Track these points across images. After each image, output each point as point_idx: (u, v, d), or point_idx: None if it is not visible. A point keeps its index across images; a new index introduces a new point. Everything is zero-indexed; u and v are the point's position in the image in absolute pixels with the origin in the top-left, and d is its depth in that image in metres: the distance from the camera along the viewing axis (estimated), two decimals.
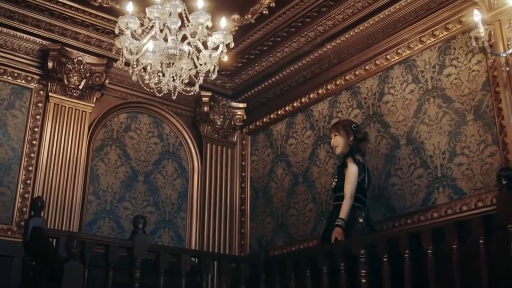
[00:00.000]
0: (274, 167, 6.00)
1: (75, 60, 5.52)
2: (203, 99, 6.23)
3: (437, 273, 3.47)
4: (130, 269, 3.94)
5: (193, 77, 4.48)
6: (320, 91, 5.67)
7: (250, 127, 6.46)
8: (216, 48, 4.33)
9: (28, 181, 5.21)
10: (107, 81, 5.67)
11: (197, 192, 6.08)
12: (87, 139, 5.56)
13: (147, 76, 4.48)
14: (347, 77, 5.42)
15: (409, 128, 4.76)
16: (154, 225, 5.77)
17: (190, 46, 4.37)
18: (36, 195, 5.00)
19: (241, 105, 6.46)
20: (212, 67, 4.38)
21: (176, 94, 4.48)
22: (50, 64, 5.36)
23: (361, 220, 3.88)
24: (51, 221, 5.10)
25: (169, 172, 6.03)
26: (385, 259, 3.69)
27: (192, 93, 4.52)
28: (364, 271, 3.77)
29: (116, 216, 5.60)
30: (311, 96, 5.77)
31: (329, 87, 5.59)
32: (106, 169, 5.69)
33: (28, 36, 5.43)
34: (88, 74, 5.57)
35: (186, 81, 4.42)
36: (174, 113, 6.22)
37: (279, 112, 6.12)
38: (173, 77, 4.39)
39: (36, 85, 5.50)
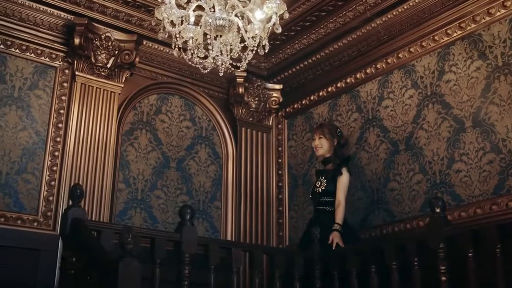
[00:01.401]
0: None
1: (102, 36, 5.06)
2: (238, 79, 5.78)
3: None
4: (178, 265, 3.53)
5: (240, 52, 4.06)
6: (368, 71, 5.22)
7: (287, 110, 6.02)
8: (267, 20, 3.91)
9: (54, 168, 4.78)
10: (137, 59, 5.21)
11: (232, 180, 5.65)
12: (116, 122, 5.11)
13: (191, 51, 4.05)
14: (400, 55, 4.97)
15: (474, 108, 4.33)
16: None
17: (239, 16, 3.94)
18: (71, 183, 4.59)
19: (277, 86, 6.01)
20: (264, 41, 3.96)
21: (222, 71, 4.04)
22: (76, 40, 4.91)
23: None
24: None
25: (202, 158, 5.59)
26: (470, 255, 3.29)
27: (240, 70, 4.08)
28: (443, 268, 3.37)
29: (148, 206, 5.18)
30: (358, 76, 5.32)
31: (378, 66, 5.14)
32: (137, 155, 5.25)
33: (52, 10, 4.97)
34: (116, 52, 5.12)
35: (234, 56, 3.98)
36: (206, 94, 5.78)
37: (320, 94, 5.67)
38: (220, 51, 3.96)
39: (61, 63, 5.05)
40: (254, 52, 3.95)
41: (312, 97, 5.75)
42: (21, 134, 4.73)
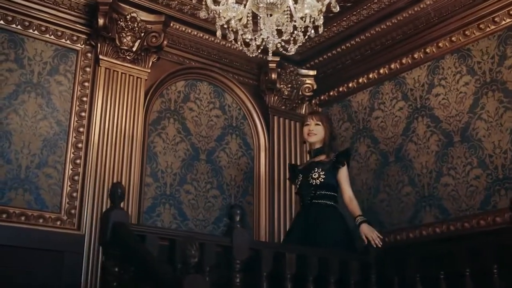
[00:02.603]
0: (355, 144, 5.17)
1: (128, 17, 4.62)
2: (270, 64, 5.36)
3: None
4: (228, 273, 3.15)
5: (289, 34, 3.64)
6: (416, 55, 4.80)
7: (321, 97, 5.60)
8: None
9: (78, 161, 4.36)
10: (165, 42, 4.77)
11: (264, 173, 5.25)
12: (143, 110, 4.69)
13: (233, 31, 3.64)
14: (453, 38, 4.56)
15: None
16: (219, 212, 4.94)
17: None
18: (96, 177, 4.19)
19: (311, 72, 5.59)
20: (318, 21, 3.56)
21: (270, 54, 3.63)
22: (100, 21, 4.46)
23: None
24: (106, 208, 4.26)
25: (233, 150, 5.19)
26: None
27: (291, 53, 3.66)
28: None
29: (177, 202, 4.77)
30: (404, 61, 4.90)
31: (428, 50, 4.73)
32: (164, 146, 4.84)
33: None
34: (143, 34, 4.68)
35: (285, 38, 3.56)
36: (236, 81, 5.36)
37: (359, 80, 5.26)
38: (271, 32, 3.54)
39: (83, 46, 4.61)
40: (308, 33, 3.55)
41: (350, 84, 5.33)
42: (41, 124, 4.31)
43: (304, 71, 5.58)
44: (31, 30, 4.40)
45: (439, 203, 4.38)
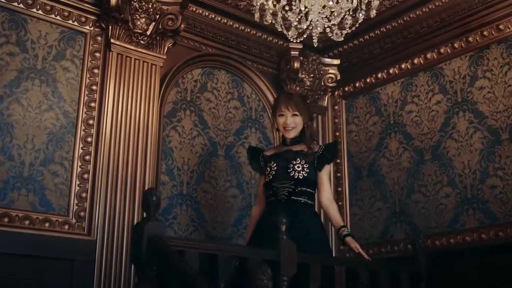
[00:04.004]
0: (385, 140, 4.78)
1: None
2: (292, 52, 4.93)
3: None
4: None
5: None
6: (456, 45, 4.41)
7: (346, 89, 5.19)
8: None
9: (87, 157, 3.90)
10: (182, 25, 4.30)
11: None
12: (158, 101, 4.23)
13: (270, 12, 3.22)
14: (500, 26, 4.17)
15: None
16: (239, 212, 4.53)
17: None
18: (108, 175, 3.72)
19: (334, 61, 5.17)
20: (374, 1, 3.16)
21: (316, 40, 3.23)
22: (113, 0, 3.98)
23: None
24: (120, 210, 3.83)
25: (253, 144, 4.75)
26: None
27: (340, 39, 3.25)
28: None
29: (195, 202, 4.34)
30: (442, 50, 4.51)
31: (470, 39, 4.33)
32: (181, 141, 4.39)
33: None
34: (158, 16, 4.21)
35: (336, 22, 3.15)
36: (255, 69, 4.91)
37: (390, 71, 4.85)
38: (320, 16, 3.12)
39: (92, 28, 4.13)
40: (362, 16, 3.14)
41: (379, 75, 4.93)
42: (46, 116, 3.83)
43: (327, 60, 5.16)
44: (34, 10, 3.90)
45: (484, 206, 4.02)
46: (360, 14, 3.30)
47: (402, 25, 4.70)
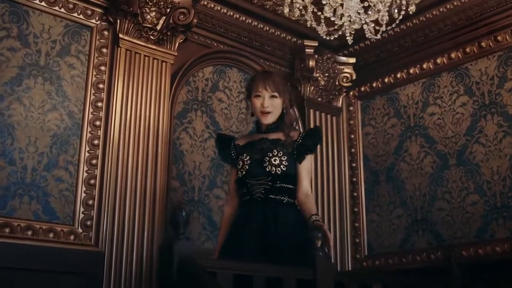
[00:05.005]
0: (405, 143, 4.54)
1: None
2: (307, 50, 4.67)
3: None
4: None
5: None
6: (483, 44, 4.19)
7: (362, 89, 4.95)
8: None
9: (94, 161, 3.60)
10: (195, 20, 4.02)
11: None
12: (169, 101, 3.95)
13: (308, 9, 2.97)
14: None
15: None
16: None
17: None
18: (117, 181, 3.43)
19: (350, 60, 4.91)
20: None
21: (351, 38, 2.98)
22: None
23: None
24: (130, 218, 3.54)
25: None
26: None
27: (378, 37, 2.99)
28: None
29: (207, 209, 4.07)
30: (467, 49, 4.28)
31: (500, 38, 4.11)
32: (192, 144, 4.11)
33: None
34: (168, 10, 3.92)
35: (373, 18, 2.89)
36: (268, 67, 4.64)
37: (410, 71, 4.62)
38: (356, 10, 2.87)
39: (99, 22, 3.83)
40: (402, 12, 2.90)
41: (398, 75, 4.69)
42: (50, 116, 3.53)
43: (342, 59, 4.90)
44: (37, 1, 3.59)
45: None
46: (395, 10, 3.05)
47: (424, 23, 4.46)
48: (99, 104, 3.70)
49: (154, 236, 3.60)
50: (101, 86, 3.73)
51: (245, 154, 3.02)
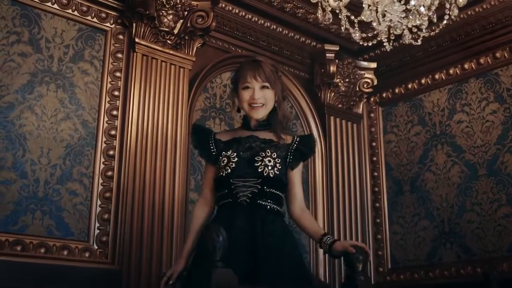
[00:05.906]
0: (431, 152, 4.35)
1: None
2: (327, 54, 4.48)
3: None
4: None
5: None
6: None
7: (383, 95, 4.76)
8: None
9: (110, 173, 3.41)
10: (213, 24, 3.83)
11: (321, 184, 4.38)
12: (187, 108, 3.76)
13: (343, 12, 2.78)
14: None
15: None
16: None
17: None
18: (134, 194, 3.22)
19: (371, 65, 4.72)
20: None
21: (390, 44, 2.79)
22: None
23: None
24: (147, 234, 3.34)
25: None
26: None
27: (419, 42, 2.81)
28: None
29: None
30: (498, 54, 4.10)
31: None
32: None
33: None
34: (186, 13, 3.73)
35: (415, 23, 2.70)
36: (288, 72, 4.46)
37: (436, 76, 4.43)
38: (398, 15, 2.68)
39: (114, 25, 3.63)
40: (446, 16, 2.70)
41: (423, 80, 4.50)
42: (63, 126, 3.33)
43: (363, 64, 4.71)
44: (49, 4, 3.39)
45: None
46: (434, 15, 2.86)
47: (450, 27, 4.25)
48: (115, 112, 3.50)
49: (172, 253, 3.41)
50: (116, 93, 3.53)
51: (230, 151, 2.59)
